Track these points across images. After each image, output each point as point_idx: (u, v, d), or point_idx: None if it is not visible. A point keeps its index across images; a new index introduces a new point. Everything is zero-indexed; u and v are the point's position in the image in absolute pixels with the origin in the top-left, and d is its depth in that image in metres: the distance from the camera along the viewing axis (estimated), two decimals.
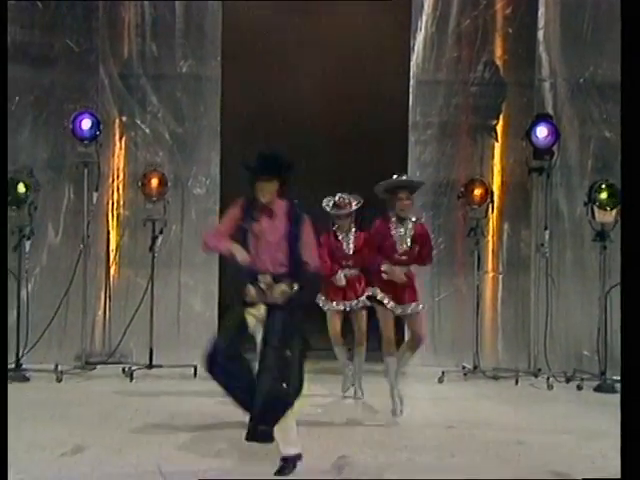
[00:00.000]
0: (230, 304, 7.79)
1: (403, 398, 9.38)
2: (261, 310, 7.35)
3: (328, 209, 10.34)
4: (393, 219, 9.36)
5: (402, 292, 9.40)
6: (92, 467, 7.49)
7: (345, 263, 10.33)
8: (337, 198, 10.37)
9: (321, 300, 10.32)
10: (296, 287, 7.38)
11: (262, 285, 7.36)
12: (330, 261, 10.25)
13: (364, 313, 10.27)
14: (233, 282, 8.38)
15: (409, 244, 9.38)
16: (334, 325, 10.33)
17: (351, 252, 10.34)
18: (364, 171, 15.10)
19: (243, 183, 9.70)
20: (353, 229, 10.40)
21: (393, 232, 9.35)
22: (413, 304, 9.47)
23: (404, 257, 9.36)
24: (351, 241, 10.36)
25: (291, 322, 7.38)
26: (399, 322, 9.68)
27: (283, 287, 7.33)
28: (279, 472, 7.17)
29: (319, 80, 16.59)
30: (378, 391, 9.92)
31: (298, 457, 7.25)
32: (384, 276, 9.28)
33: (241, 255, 7.31)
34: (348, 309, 10.30)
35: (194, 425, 8.93)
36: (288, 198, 7.58)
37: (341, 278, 10.20)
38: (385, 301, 9.32)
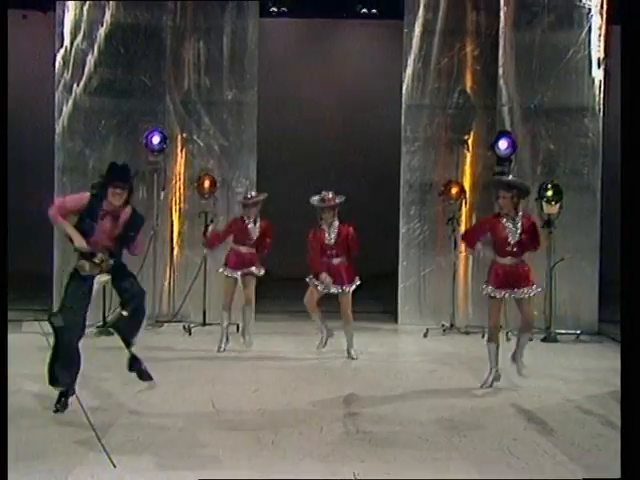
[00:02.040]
0: None
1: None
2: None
3: (315, 203, 9.61)
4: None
5: None
6: (162, 400, 7.71)
7: (329, 252, 9.61)
8: (322, 194, 9.66)
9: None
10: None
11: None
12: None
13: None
14: None
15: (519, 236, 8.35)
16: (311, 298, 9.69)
17: (333, 242, 9.60)
18: (365, 173, 15.33)
19: (274, 183, 9.89)
20: (336, 222, 9.64)
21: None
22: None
23: None
24: (334, 232, 9.61)
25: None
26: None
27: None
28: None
29: (333, 105, 16.72)
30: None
31: None
32: None
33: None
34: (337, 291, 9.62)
35: (238, 366, 9.12)
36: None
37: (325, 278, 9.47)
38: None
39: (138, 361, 7.65)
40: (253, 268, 10.07)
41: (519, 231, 8.32)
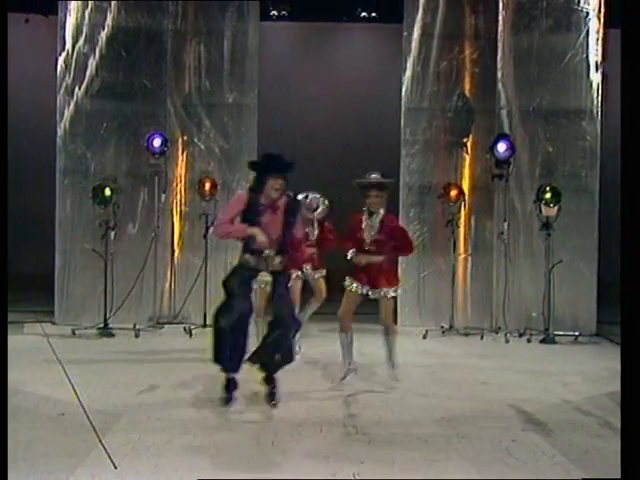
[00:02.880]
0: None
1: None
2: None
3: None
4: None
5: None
6: (163, 401, 7.66)
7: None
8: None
9: None
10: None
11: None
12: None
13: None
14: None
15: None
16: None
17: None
18: (364, 175, 15.27)
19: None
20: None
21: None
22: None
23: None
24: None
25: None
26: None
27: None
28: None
29: (332, 107, 16.72)
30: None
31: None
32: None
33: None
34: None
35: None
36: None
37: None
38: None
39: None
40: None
41: (377, 229, 8.19)
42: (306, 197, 9.69)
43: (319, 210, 9.74)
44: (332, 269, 9.81)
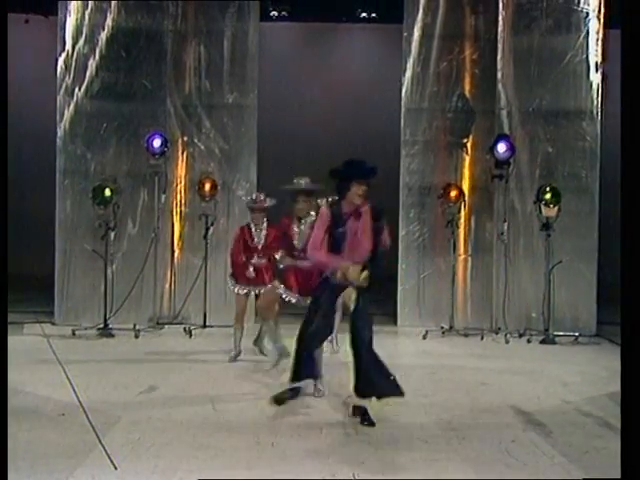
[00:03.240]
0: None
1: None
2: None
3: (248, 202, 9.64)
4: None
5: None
6: (163, 401, 7.66)
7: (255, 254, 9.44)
8: (254, 195, 9.71)
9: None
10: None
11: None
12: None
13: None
14: None
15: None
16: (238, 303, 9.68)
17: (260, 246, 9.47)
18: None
19: (274, 186, 9.86)
20: (265, 224, 9.51)
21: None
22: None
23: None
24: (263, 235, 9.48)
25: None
26: None
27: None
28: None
29: (332, 108, 16.71)
30: None
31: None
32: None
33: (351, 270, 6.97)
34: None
35: (239, 366, 9.11)
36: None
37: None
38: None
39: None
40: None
41: (306, 235, 7.98)
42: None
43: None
44: None
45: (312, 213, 8.27)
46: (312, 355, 7.32)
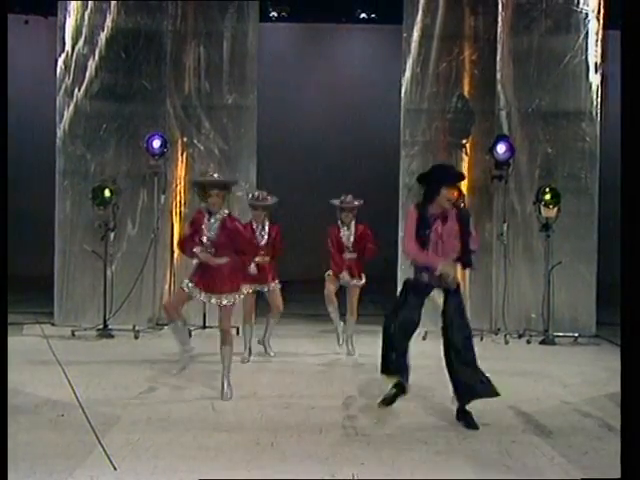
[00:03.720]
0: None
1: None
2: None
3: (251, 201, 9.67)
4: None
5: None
6: (162, 402, 7.67)
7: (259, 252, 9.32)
8: (256, 193, 9.77)
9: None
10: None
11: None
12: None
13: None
14: None
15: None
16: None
17: (263, 243, 9.53)
18: (366, 177, 15.29)
19: (274, 187, 9.86)
20: (266, 222, 9.61)
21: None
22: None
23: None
24: (265, 233, 9.59)
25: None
26: None
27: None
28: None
29: (332, 109, 16.72)
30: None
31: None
32: None
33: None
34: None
35: (238, 369, 9.09)
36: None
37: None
38: None
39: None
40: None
41: (216, 230, 7.83)
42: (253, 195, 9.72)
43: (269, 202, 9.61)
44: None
45: (225, 211, 7.95)
46: (400, 350, 7.30)
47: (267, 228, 9.61)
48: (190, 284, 7.92)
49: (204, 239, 7.84)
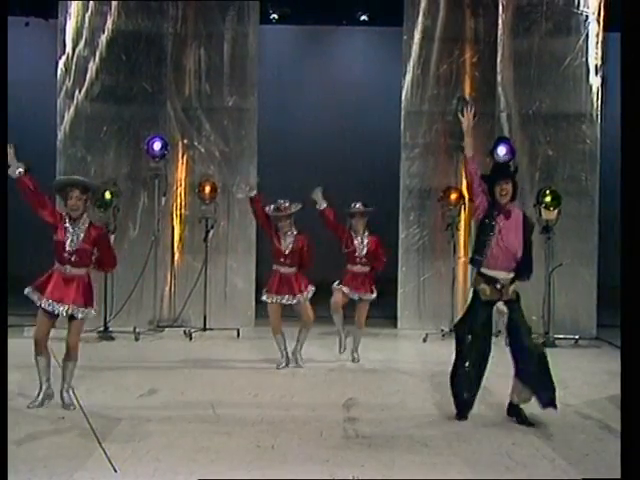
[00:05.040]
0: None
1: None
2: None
3: (269, 212, 9.30)
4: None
5: None
6: (163, 404, 7.66)
7: (283, 261, 9.27)
8: (280, 202, 9.33)
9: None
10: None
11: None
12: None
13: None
14: None
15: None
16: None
17: (288, 251, 9.25)
18: (367, 180, 15.28)
19: (274, 189, 9.86)
20: (293, 230, 9.32)
21: None
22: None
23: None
24: (290, 242, 9.27)
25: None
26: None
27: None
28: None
29: (332, 110, 16.70)
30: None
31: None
32: None
33: None
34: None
35: (239, 371, 9.10)
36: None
37: None
38: None
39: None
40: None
41: (81, 238, 7.31)
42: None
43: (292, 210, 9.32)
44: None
45: (84, 216, 7.46)
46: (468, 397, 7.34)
47: (293, 237, 9.29)
48: (43, 299, 7.32)
49: (66, 247, 7.26)
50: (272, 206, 9.37)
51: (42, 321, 7.44)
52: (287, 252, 9.26)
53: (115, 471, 5.73)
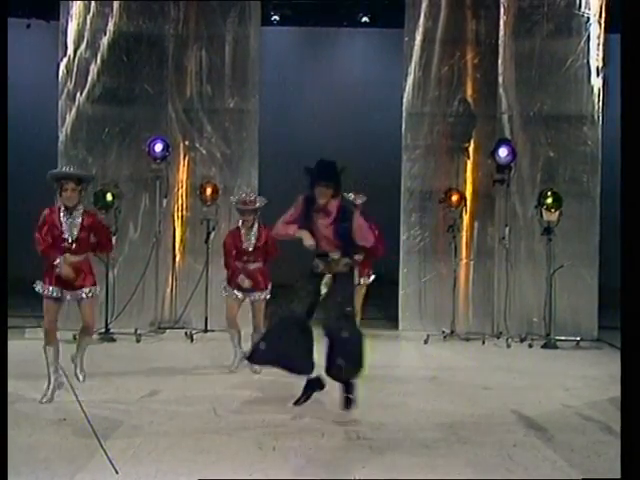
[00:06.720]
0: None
1: None
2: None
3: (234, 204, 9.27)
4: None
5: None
6: (164, 406, 7.66)
7: (246, 258, 9.12)
8: (243, 195, 9.33)
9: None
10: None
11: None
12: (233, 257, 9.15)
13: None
14: None
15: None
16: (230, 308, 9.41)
17: (251, 248, 9.10)
18: (368, 181, 15.27)
19: (275, 190, 9.87)
20: (256, 225, 9.14)
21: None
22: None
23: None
24: (253, 236, 9.12)
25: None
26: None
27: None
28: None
29: (334, 112, 16.70)
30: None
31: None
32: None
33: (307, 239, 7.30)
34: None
35: (240, 372, 9.10)
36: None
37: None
38: None
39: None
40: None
41: (77, 227, 7.59)
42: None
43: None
44: None
45: (81, 207, 7.67)
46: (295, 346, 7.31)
47: (256, 232, 9.15)
48: (46, 286, 7.55)
49: (65, 237, 7.54)
50: (236, 197, 9.41)
51: (48, 308, 7.63)
52: (250, 249, 9.17)
53: (116, 472, 5.73)
